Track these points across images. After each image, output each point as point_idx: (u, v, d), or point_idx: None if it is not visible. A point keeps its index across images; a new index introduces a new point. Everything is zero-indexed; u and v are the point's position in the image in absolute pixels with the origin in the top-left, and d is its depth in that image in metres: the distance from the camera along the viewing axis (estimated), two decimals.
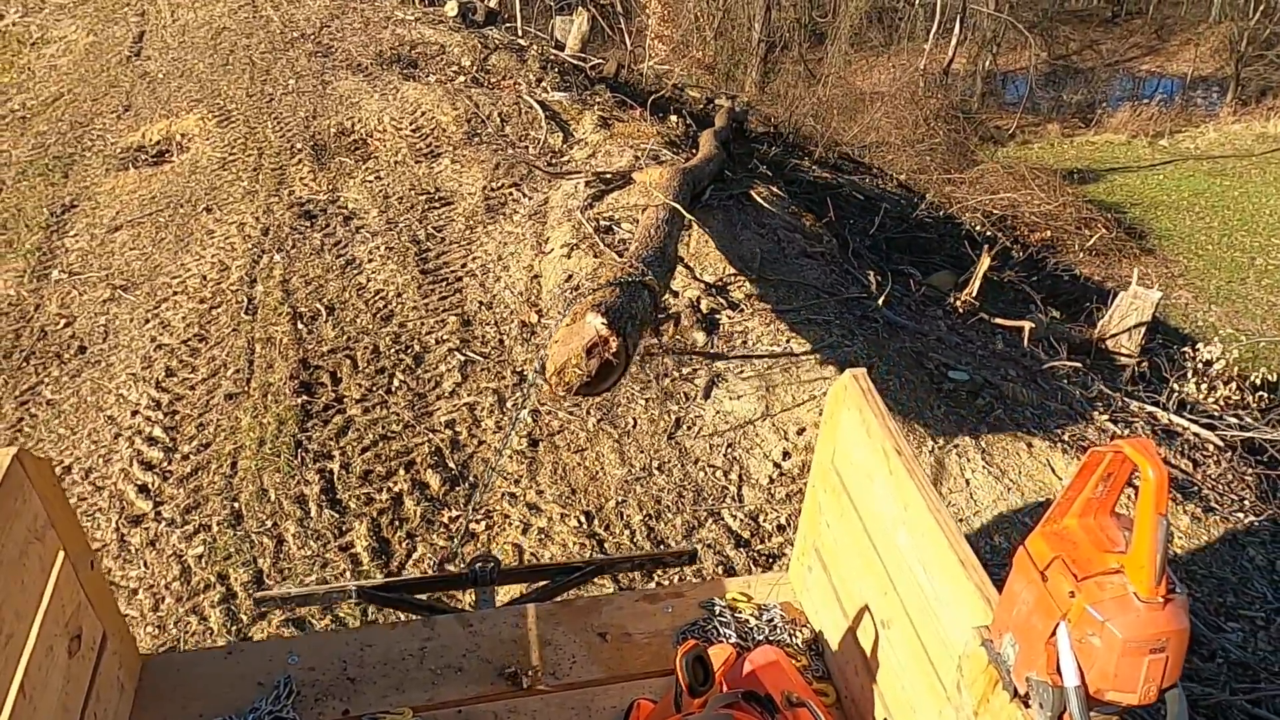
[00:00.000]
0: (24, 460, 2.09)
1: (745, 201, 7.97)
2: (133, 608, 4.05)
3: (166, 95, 10.15)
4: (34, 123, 10.02)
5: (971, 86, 26.50)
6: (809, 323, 6.20)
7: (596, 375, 3.57)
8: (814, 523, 2.72)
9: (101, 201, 7.92)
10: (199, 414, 5.21)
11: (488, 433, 5.10)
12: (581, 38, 13.66)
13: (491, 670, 2.59)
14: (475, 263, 6.80)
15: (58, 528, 2.21)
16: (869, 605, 2.35)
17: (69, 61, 11.86)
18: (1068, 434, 5.56)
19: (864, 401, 2.31)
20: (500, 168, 8.25)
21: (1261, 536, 4.80)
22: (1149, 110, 24.16)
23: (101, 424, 5.21)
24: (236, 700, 2.47)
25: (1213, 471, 5.65)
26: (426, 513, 4.52)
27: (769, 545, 4.50)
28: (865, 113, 18.01)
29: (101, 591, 2.42)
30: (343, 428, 5.07)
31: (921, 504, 2.04)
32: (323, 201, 7.62)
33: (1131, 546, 1.45)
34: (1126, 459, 1.49)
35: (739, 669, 2.21)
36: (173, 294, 6.39)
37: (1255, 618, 4.29)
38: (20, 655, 1.99)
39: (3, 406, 5.47)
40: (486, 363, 5.69)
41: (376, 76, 10.48)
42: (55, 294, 6.57)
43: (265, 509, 4.53)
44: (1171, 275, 14.52)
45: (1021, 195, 15.38)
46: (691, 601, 2.82)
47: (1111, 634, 1.43)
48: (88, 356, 5.86)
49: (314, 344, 5.76)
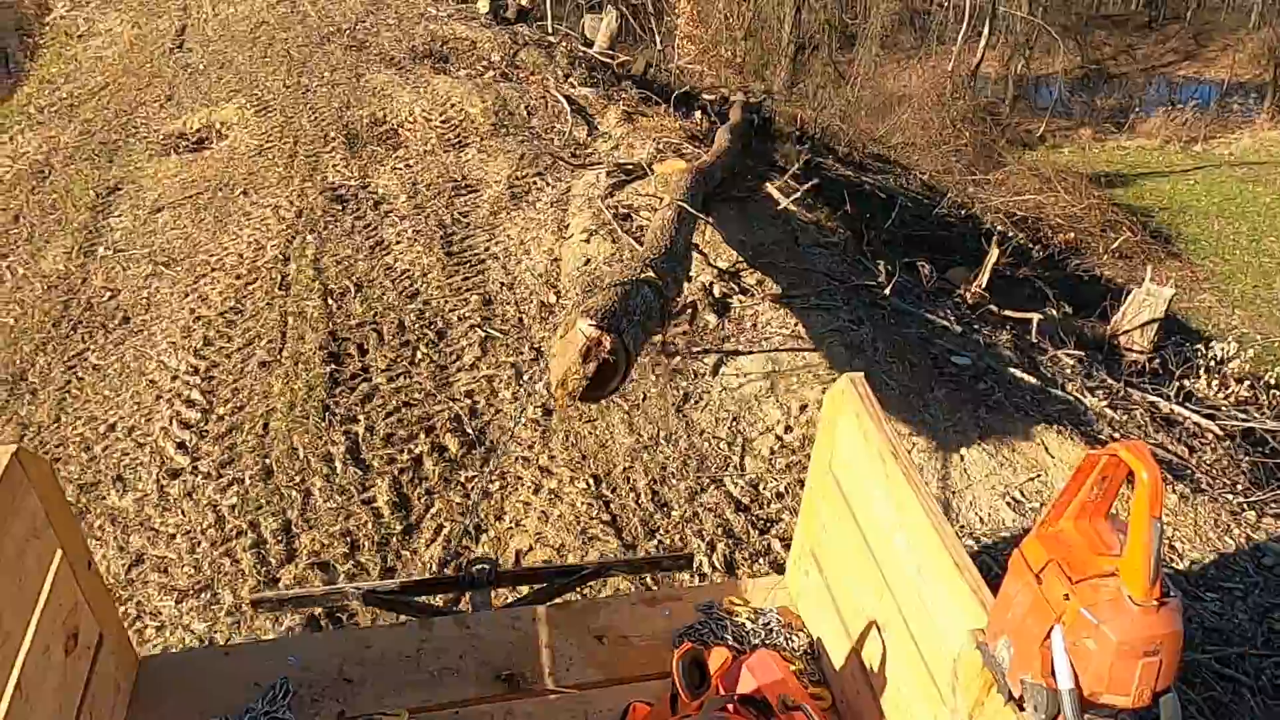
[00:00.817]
0: (23, 459, 2.10)
1: (760, 192, 8.23)
2: (170, 550, 4.39)
3: (207, 86, 10.59)
4: (81, 110, 10.50)
5: (1003, 90, 26.52)
6: (817, 308, 6.44)
7: (597, 377, 3.64)
8: (811, 527, 2.76)
9: (145, 184, 8.35)
10: (234, 379, 5.57)
11: (505, 403, 5.41)
12: (610, 35, 13.97)
13: (488, 672, 2.61)
14: (498, 246, 7.12)
15: (56, 527, 2.22)
16: (865, 609, 2.37)
17: (114, 53, 12.36)
18: (1065, 418, 5.76)
19: (861, 406, 2.34)
20: (525, 158, 8.57)
21: (1248, 516, 4.99)
22: (1183, 116, 24.05)
23: (143, 387, 5.59)
24: (233, 700, 2.49)
25: (1208, 457, 5.82)
26: (444, 472, 4.84)
27: (768, 511, 4.76)
28: (892, 114, 18.17)
29: (98, 591, 2.44)
30: (368, 394, 5.40)
31: (918, 507, 2.07)
32: (354, 187, 7.99)
33: (1126, 550, 1.46)
34: (1121, 462, 1.51)
35: (735, 672, 2.24)
36: (211, 270, 6.77)
37: (1234, 589, 4.49)
38: (17, 654, 2.00)
39: (52, 370, 5.86)
40: (506, 339, 6.00)
41: (409, 70, 10.85)
42: (101, 269, 6.98)
43: (294, 466, 4.87)
44: (1196, 279, 14.55)
45: (1047, 197, 15.47)
46: (689, 605, 2.86)
47: (1106, 636, 1.45)
48: (131, 326, 6.24)
49: (343, 318, 6.10)
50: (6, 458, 2.04)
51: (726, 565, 4.38)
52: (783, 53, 21.72)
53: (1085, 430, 5.61)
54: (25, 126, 10.42)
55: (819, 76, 21.68)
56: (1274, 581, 4.53)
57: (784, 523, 4.66)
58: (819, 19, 22.21)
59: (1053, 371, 6.56)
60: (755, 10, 21.63)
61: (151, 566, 4.31)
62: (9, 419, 5.45)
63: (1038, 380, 6.19)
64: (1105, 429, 5.77)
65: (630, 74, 12.99)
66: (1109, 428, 5.80)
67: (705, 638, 2.71)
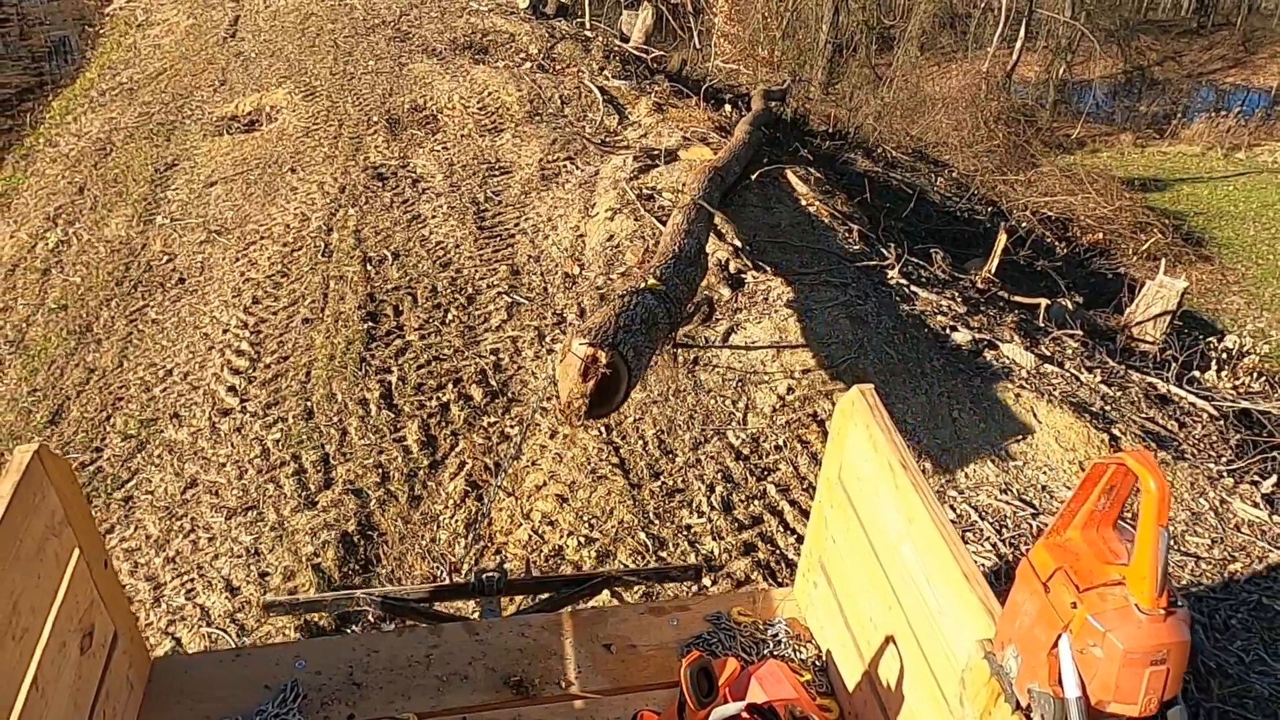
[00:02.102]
0: (44, 458, 2.13)
1: (780, 179, 8.65)
2: (221, 476, 4.92)
3: (258, 72, 11.24)
4: (140, 94, 11.20)
5: (1044, 94, 26.61)
6: (827, 284, 6.85)
7: (600, 392, 3.78)
8: (820, 538, 2.79)
9: (199, 161, 8.97)
10: (279, 334, 6.11)
11: (527, 360, 5.88)
12: (645, 31, 14.47)
13: (497, 679, 2.65)
14: (527, 223, 7.61)
15: (74, 525, 2.26)
16: (873, 620, 2.40)
17: (171, 41, 13.10)
18: (1059, 391, 6.11)
19: (871, 417, 2.37)
20: (556, 143, 9.08)
21: (1225, 483, 5.31)
22: (1226, 122, 24.01)
23: (198, 339, 6.15)
24: (243, 703, 2.53)
25: (1198, 433, 6.14)
26: (469, 417, 5.33)
27: (765, 461, 5.18)
28: (926, 114, 18.46)
29: (114, 590, 2.48)
30: (401, 349, 5.91)
31: (926, 518, 2.09)
32: (394, 166, 8.54)
33: (1133, 558, 1.48)
34: (1129, 471, 1.53)
35: (743, 683, 2.26)
36: (260, 238, 7.34)
37: (1200, 544, 4.83)
38: (34, 650, 2.03)
39: (115, 323, 6.45)
40: (531, 305, 6.48)
41: (449, 60, 11.42)
42: (159, 236, 7.58)
43: (332, 408, 5.38)
44: (1226, 282, 14.67)
45: (1078, 199, 15.67)
46: (697, 615, 2.89)
47: (1113, 645, 1.46)
48: (186, 286, 6.82)
49: (380, 282, 6.63)
50: (28, 456, 2.08)
51: (724, 505, 4.81)
52: (820, 53, 22.07)
53: (1076, 402, 5.95)
54: (88, 108, 11.15)
55: (855, 77, 21.99)
56: (1240, 538, 4.86)
57: (780, 471, 5.08)
58: (857, 20, 22.52)
59: (1053, 351, 6.90)
60: (793, 10, 22.00)
61: (204, 489, 4.84)
62: (78, 364, 6.04)
63: (1035, 357, 6.54)
64: (1098, 402, 6.10)
65: (665, 70, 13.46)
66: (1101, 402, 6.13)
67: (713, 648, 2.74)
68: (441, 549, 4.49)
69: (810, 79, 21.85)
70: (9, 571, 1.95)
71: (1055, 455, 5.34)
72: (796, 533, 4.67)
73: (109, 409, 5.56)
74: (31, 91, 14.68)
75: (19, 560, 1.99)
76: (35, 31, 18.83)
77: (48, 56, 17.48)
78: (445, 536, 4.55)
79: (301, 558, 4.35)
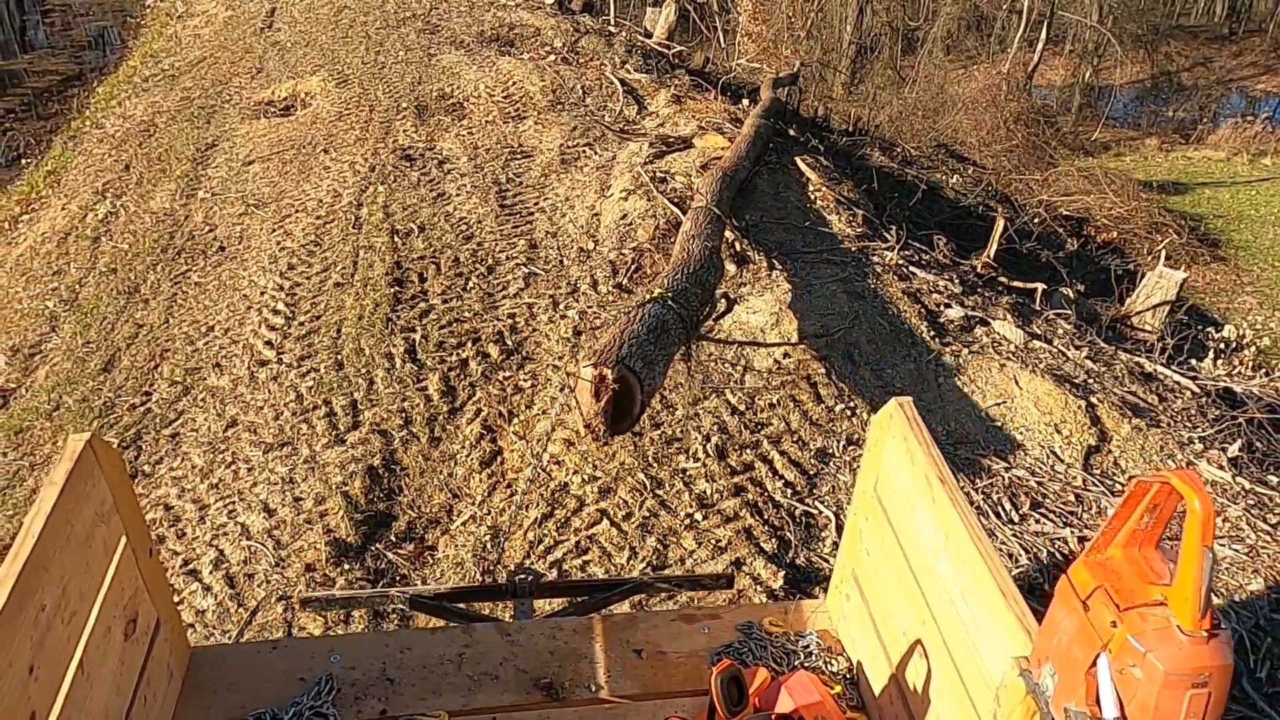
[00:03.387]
0: (96, 446, 2.20)
1: (790, 165, 9.10)
2: (259, 417, 5.45)
3: (293, 61, 11.85)
4: (181, 80, 11.83)
5: (1070, 98, 26.84)
6: (828, 263, 7.30)
7: (617, 409, 3.93)
8: (854, 551, 2.80)
9: (237, 142, 9.56)
10: (312, 296, 6.64)
11: (542, 324, 6.37)
12: (668, 27, 14.96)
13: (527, 680, 2.70)
14: (546, 202, 8.11)
15: (122, 514, 2.32)
16: (907, 634, 2.40)
17: (210, 32, 13.76)
18: (1044, 364, 6.51)
19: (908, 430, 2.37)
20: (577, 130, 9.58)
21: (1194, 447, 5.70)
22: (1253, 128, 24.16)
23: (237, 299, 6.69)
24: (279, 695, 2.59)
25: (1177, 406, 6.52)
26: (485, 371, 5.82)
27: (759, 417, 5.63)
28: (947, 114, 18.82)
29: (158, 579, 2.55)
30: (425, 311, 6.42)
31: (963, 532, 2.09)
32: (421, 149, 9.08)
33: (1176, 579, 1.47)
34: (1173, 490, 1.51)
35: (773, 693, 2.28)
36: (294, 212, 7.89)
37: None
38: (81, 633, 2.09)
39: (161, 285, 7.02)
40: (547, 276, 6.98)
41: (476, 52, 11.97)
42: (201, 208, 8.15)
43: (360, 361, 5.90)
44: (1240, 282, 14.92)
45: (1095, 199, 15.98)
46: (728, 624, 2.92)
47: (1153, 666, 1.44)
48: (226, 253, 7.38)
49: (407, 252, 7.15)
50: (80, 444, 2.15)
51: (718, 453, 5.26)
52: (843, 53, 22.47)
53: (1059, 374, 6.35)
54: (132, 93, 11.80)
55: (879, 78, 22.37)
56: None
57: (772, 426, 5.53)
58: (881, 21, 22.91)
59: (1044, 330, 7.30)
60: (819, 10, 22.42)
61: (244, 428, 5.37)
62: (127, 320, 6.60)
63: (1025, 334, 6.95)
64: (1081, 376, 6.50)
65: (687, 66, 13.94)
66: (1085, 375, 6.53)
67: (744, 657, 2.77)
68: (458, 483, 4.98)
69: (833, 79, 22.26)
70: (60, 556, 2.02)
71: (1033, 417, 5.75)
72: (785, 478, 5.11)
73: (157, 359, 6.11)
74: (74, 79, 15.43)
75: (70, 545, 2.05)
76: (77, 23, 19.67)
77: (89, 47, 18.29)
78: (461, 472, 5.04)
79: (331, 486, 4.86)
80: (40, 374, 6.18)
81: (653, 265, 7.11)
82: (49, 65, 16.90)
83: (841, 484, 5.15)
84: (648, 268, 7.11)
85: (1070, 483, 5.29)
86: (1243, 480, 5.46)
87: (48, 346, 6.50)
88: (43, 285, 7.28)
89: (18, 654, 1.84)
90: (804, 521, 4.87)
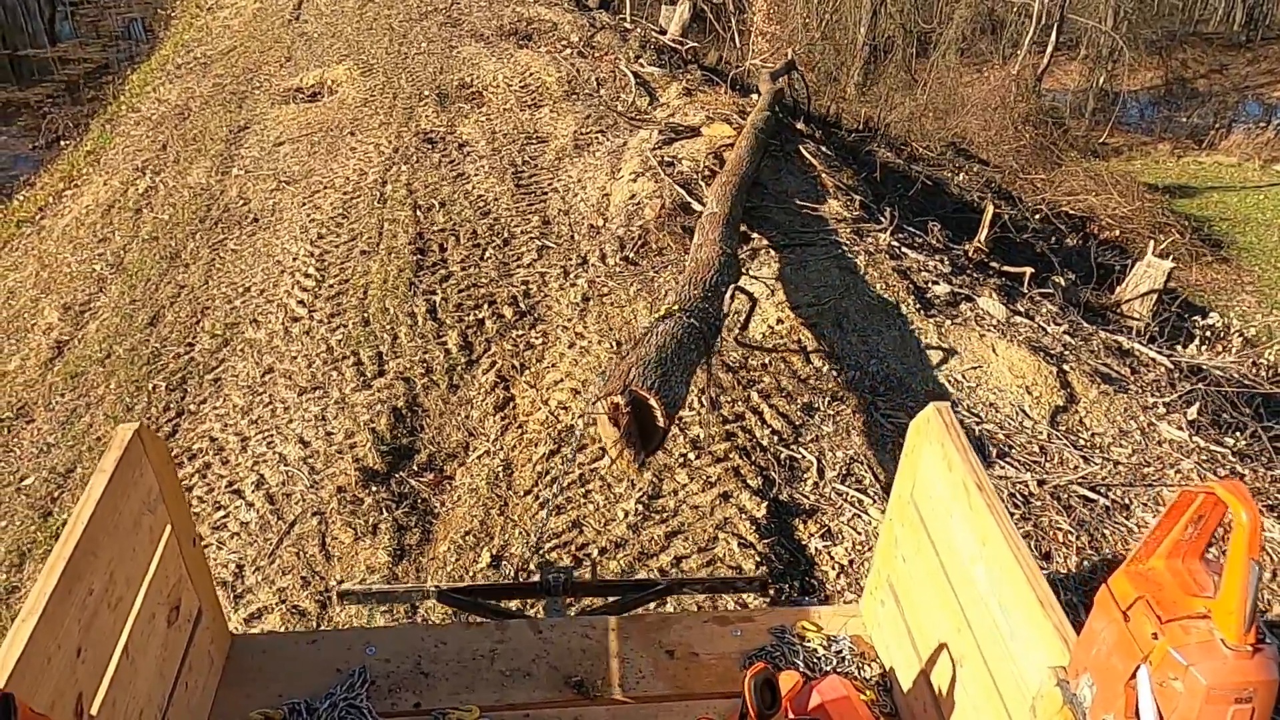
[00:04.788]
0: (144, 436, 2.25)
1: (794, 155, 9.65)
2: (293, 366, 6.03)
3: (320, 51, 12.49)
4: (213, 68, 12.49)
5: (1084, 102, 27.27)
6: (824, 241, 7.84)
7: (641, 429, 4.04)
8: (889, 556, 2.81)
9: (268, 125, 10.18)
10: (341, 262, 7.23)
11: (553, 290, 6.94)
12: (682, 24, 15.54)
13: (559, 678, 2.74)
14: (559, 183, 8.69)
15: (168, 503, 2.39)
16: (941, 641, 2.40)
17: (240, 23, 14.43)
18: (1023, 337, 7.03)
19: (946, 435, 2.38)
20: (590, 118, 10.16)
21: (1156, 410, 6.21)
22: (1265, 134, 24.53)
23: (271, 264, 7.29)
24: (315, 684, 2.65)
25: (1147, 378, 7.02)
26: (500, 329, 6.39)
27: (752, 374, 6.17)
28: (956, 115, 19.33)
29: (201, 568, 2.63)
30: (445, 277, 7.00)
31: (1001, 540, 2.09)
32: (442, 133, 9.68)
33: (1220, 591, 1.45)
34: (1219, 501, 1.50)
35: (805, 697, 2.30)
36: (323, 187, 8.49)
37: (1122, 453, 5.74)
38: (126, 619, 2.15)
39: (200, 251, 7.63)
40: (558, 249, 7.55)
41: (495, 44, 12.59)
42: (235, 184, 8.77)
43: (385, 319, 6.48)
44: (1241, 282, 15.36)
45: (1100, 199, 16.45)
46: (761, 627, 2.95)
47: (1195, 679, 1.43)
48: (260, 224, 7.99)
49: (428, 224, 7.74)
50: (129, 435, 2.21)
51: (712, 404, 5.81)
52: (857, 54, 23.01)
53: (1036, 346, 6.87)
54: (165, 80, 12.47)
55: (892, 80, 22.88)
56: (1160, 450, 5.77)
57: (763, 383, 6.06)
58: (895, 23, 23.44)
59: (1027, 308, 7.81)
60: (833, 10, 22.97)
61: (280, 374, 5.96)
62: (169, 282, 7.21)
63: (1008, 310, 7.46)
64: (1058, 348, 7.01)
65: (700, 63, 14.52)
66: (1061, 348, 7.04)
67: (776, 660, 2.79)
68: (474, 424, 5.55)
69: (846, 79, 22.79)
70: (108, 542, 2.09)
71: (1006, 380, 6.27)
72: (772, 428, 5.65)
73: (198, 315, 6.71)
74: (105, 69, 16.17)
75: (117, 532, 2.12)
76: (106, 16, 20.46)
77: (120, 38, 19.05)
78: (477, 414, 5.61)
79: (360, 423, 5.44)
80: (91, 328, 6.79)
81: (658, 241, 7.67)
82: (82, 54, 17.67)
83: (825, 434, 5.69)
84: (653, 243, 7.67)
85: (1035, 436, 5.81)
86: (1198, 439, 5.97)
87: (96, 304, 7.11)
88: (89, 251, 7.90)
89: (66, 636, 1.91)
90: (788, 464, 5.41)
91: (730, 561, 4.67)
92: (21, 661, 1.74)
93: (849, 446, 5.59)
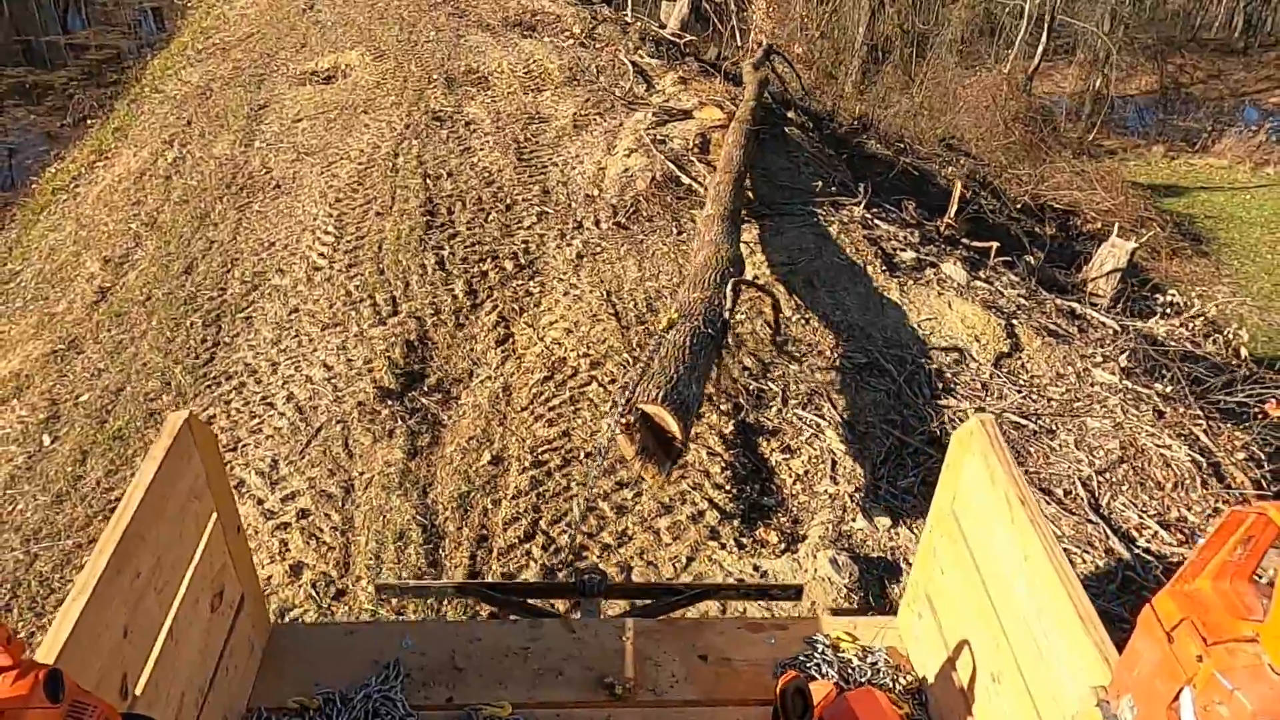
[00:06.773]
0: (193, 425, 2.30)
1: (780, 136, 10.47)
2: (316, 306, 6.84)
3: (334, 37, 13.35)
4: (231, 53, 13.35)
5: (1080, 106, 28.11)
6: (801, 211, 8.65)
7: (653, 443, 4.20)
8: (928, 568, 2.81)
9: (286, 104, 11.02)
10: (357, 222, 8.05)
11: (550, 249, 7.75)
12: (681, 19, 16.40)
13: (591, 678, 2.78)
14: (558, 158, 9.51)
15: (214, 491, 2.45)
16: (979, 656, 2.40)
17: (256, 11, 15.30)
18: (979, 297, 7.83)
19: (989, 448, 2.37)
20: (589, 102, 10.99)
21: (1093, 358, 7.00)
22: (1257, 138, 25.35)
23: (293, 224, 8.11)
24: (351, 675, 2.71)
25: (1093, 336, 7.81)
26: (502, 279, 7.20)
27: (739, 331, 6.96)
28: (949, 113, 20.16)
29: (244, 555, 2.69)
30: (452, 235, 7.81)
31: (1043, 555, 2.08)
32: (450, 113, 10.51)
33: (1270, 615, 1.44)
34: (1270, 522, 1.50)
35: (839, 708, 2.30)
36: (339, 159, 9.32)
37: (1057, 393, 6.53)
38: (172, 602, 2.20)
39: (227, 212, 8.45)
40: (556, 214, 8.36)
41: (500, 34, 13.44)
42: (257, 155, 9.60)
43: (398, 269, 7.29)
44: (1219, 275, 16.15)
45: (1085, 194, 17.25)
46: (795, 635, 2.97)
47: (1241, 704, 1.42)
48: (281, 190, 8.81)
49: (437, 191, 8.56)
50: (179, 423, 2.26)
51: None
52: (855, 54, 23.86)
53: (990, 304, 7.66)
54: (186, 64, 13.32)
55: (889, 79, 23.73)
56: (1091, 391, 6.56)
57: (739, 331, 6.86)
58: (893, 23, 24.30)
59: (988, 275, 8.61)
60: (832, 10, 23.83)
61: (304, 313, 6.77)
62: (200, 238, 8.03)
63: (969, 275, 8.26)
64: (1011, 307, 7.81)
65: (698, 56, 15.35)
66: (1014, 307, 7.84)
67: (809, 670, 2.80)
68: (478, 355, 6.36)
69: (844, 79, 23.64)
70: (156, 527, 2.15)
71: (958, 330, 7.07)
72: (744, 364, 6.44)
73: (229, 265, 7.53)
74: (120, 56, 17.06)
75: (165, 518, 2.18)
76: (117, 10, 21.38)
77: (137, 26, 19.95)
78: (480, 348, 6.42)
79: (376, 352, 6.25)
80: (130, 276, 7.61)
81: (648, 209, 8.49)
82: (99, 41, 18.56)
83: (790, 372, 6.48)
84: (644, 211, 8.48)
85: (979, 375, 6.61)
86: (1128, 383, 6.76)
87: (135, 257, 7.93)
88: (124, 213, 8.72)
89: (114, 616, 1.98)
90: (756, 393, 6.21)
91: (699, 467, 5.47)
92: (71, 640, 1.82)
93: (811, 381, 6.38)
